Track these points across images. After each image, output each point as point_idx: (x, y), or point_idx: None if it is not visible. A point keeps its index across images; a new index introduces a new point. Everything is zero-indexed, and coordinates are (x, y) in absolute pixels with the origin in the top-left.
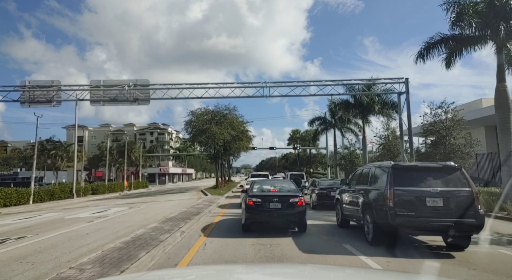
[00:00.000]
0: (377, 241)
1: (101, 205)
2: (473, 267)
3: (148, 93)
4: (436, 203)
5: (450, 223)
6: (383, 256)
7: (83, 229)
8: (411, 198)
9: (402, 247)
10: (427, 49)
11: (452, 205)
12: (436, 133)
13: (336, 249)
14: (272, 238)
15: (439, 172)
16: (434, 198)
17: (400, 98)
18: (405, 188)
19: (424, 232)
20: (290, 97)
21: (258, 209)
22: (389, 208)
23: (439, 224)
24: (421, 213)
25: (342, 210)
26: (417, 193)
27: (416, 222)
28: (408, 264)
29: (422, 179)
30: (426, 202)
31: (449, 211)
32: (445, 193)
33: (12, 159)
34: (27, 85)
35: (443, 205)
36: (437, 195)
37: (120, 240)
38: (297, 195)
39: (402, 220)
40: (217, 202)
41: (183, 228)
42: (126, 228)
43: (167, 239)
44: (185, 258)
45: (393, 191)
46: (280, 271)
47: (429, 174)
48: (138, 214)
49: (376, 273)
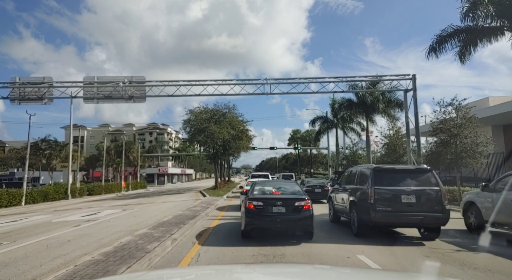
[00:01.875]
0: (361, 233)
1: (94, 206)
2: (473, 267)
3: (144, 90)
4: (410, 200)
5: (421, 217)
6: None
7: (67, 235)
8: (388, 195)
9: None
10: (439, 43)
11: (423, 201)
12: (446, 132)
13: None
14: (275, 247)
15: (413, 173)
16: (408, 196)
17: (407, 95)
18: (384, 187)
19: (400, 225)
20: (291, 95)
21: (259, 213)
22: (370, 204)
23: (412, 217)
24: (397, 208)
25: (334, 207)
26: (394, 192)
27: (393, 216)
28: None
29: (398, 179)
30: (401, 199)
31: (420, 206)
32: (417, 192)
33: (9, 159)
34: (17, 81)
35: (415, 201)
36: (411, 193)
37: (101, 251)
38: (303, 198)
39: (380, 214)
40: (216, 204)
41: (176, 235)
42: (113, 234)
43: (155, 249)
44: None
45: (374, 189)
46: (281, 270)
47: (405, 175)
48: (130, 217)
49: (377, 273)
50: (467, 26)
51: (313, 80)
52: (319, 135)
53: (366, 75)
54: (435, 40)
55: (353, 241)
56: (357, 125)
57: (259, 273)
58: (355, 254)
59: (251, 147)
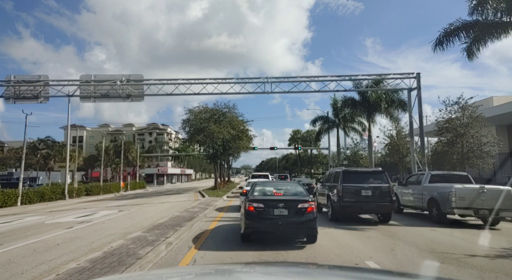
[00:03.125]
0: (334, 219)
1: (91, 207)
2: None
3: (142, 89)
4: (367, 193)
5: (375, 206)
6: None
7: (57, 238)
8: (353, 190)
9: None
10: (446, 36)
11: (377, 194)
12: (452, 131)
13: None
14: (277, 252)
15: (371, 174)
16: (366, 190)
17: (411, 94)
18: (350, 184)
19: (361, 212)
20: (291, 96)
21: (260, 216)
22: (339, 197)
23: (369, 206)
24: (358, 199)
25: (317, 200)
26: (356, 187)
27: (355, 205)
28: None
29: (360, 178)
30: (362, 193)
31: (374, 198)
32: (373, 187)
33: (8, 159)
34: (12, 79)
35: (371, 194)
36: (368, 188)
37: (88, 257)
38: (306, 200)
39: (346, 204)
40: (215, 204)
41: (171, 238)
42: (106, 237)
43: (147, 255)
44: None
45: (342, 186)
46: (281, 270)
47: (365, 175)
48: (126, 218)
49: (377, 273)
50: (476, 20)
51: (314, 78)
52: (319, 135)
53: (370, 74)
54: (442, 34)
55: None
56: (359, 125)
57: (259, 272)
58: (363, 260)
59: (251, 147)
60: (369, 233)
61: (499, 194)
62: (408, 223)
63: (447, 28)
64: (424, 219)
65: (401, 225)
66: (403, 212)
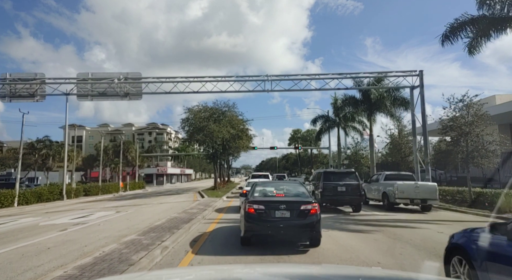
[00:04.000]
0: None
1: (88, 208)
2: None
3: (140, 87)
4: (342, 189)
5: (348, 199)
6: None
7: (48, 241)
8: (331, 186)
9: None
10: (453, 31)
11: (349, 190)
12: (457, 129)
13: None
14: (279, 256)
15: (345, 173)
16: (341, 187)
17: (413, 92)
18: (329, 182)
19: (338, 204)
20: (291, 95)
21: (260, 218)
22: (321, 192)
23: (343, 199)
24: (335, 194)
25: None
26: (334, 184)
27: (333, 199)
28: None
29: (337, 177)
30: (338, 189)
31: (347, 193)
32: (346, 184)
33: (7, 159)
34: (8, 78)
35: (345, 190)
36: (343, 185)
37: (77, 263)
38: (309, 201)
39: (326, 198)
40: (214, 205)
41: (167, 242)
42: (99, 240)
43: (140, 261)
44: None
45: (323, 184)
46: (282, 271)
47: (341, 175)
48: (122, 220)
49: (378, 273)
50: (483, 15)
51: (315, 76)
52: (320, 134)
53: (372, 72)
54: (448, 29)
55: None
56: (360, 124)
57: (259, 273)
58: (371, 266)
59: (251, 147)
60: (375, 236)
61: (428, 188)
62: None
63: (452, 24)
64: (380, 208)
65: (407, 228)
66: (369, 203)
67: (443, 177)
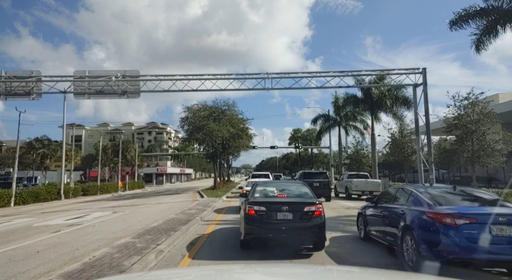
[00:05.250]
0: None
1: (85, 208)
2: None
3: (138, 85)
4: (317, 184)
5: (321, 191)
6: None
7: (39, 244)
8: (308, 183)
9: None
10: (461, 18)
11: (321, 185)
12: (462, 128)
13: None
14: (280, 261)
15: (318, 174)
16: (316, 183)
17: (416, 90)
18: (307, 179)
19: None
20: (292, 94)
21: (261, 221)
22: None
23: (317, 192)
24: (312, 188)
25: None
26: (310, 182)
27: None
28: None
29: (312, 176)
30: (314, 184)
31: (320, 187)
32: (319, 181)
33: (6, 158)
34: (3, 75)
35: (318, 185)
36: (317, 182)
37: (64, 270)
38: (313, 202)
39: None
40: (213, 205)
41: (163, 245)
42: (92, 243)
43: (133, 267)
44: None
45: (303, 180)
46: (282, 271)
47: (315, 174)
48: (118, 221)
49: (378, 273)
50: (491, 6)
51: (316, 74)
52: (320, 134)
53: (374, 69)
54: (457, 16)
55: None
56: (361, 123)
57: (259, 273)
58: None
59: (251, 146)
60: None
61: (374, 183)
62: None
63: (460, 13)
64: (345, 198)
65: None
66: (339, 196)
67: (446, 177)
